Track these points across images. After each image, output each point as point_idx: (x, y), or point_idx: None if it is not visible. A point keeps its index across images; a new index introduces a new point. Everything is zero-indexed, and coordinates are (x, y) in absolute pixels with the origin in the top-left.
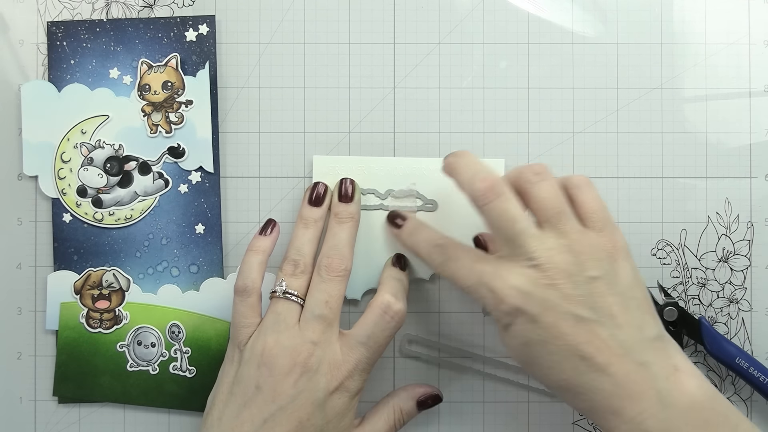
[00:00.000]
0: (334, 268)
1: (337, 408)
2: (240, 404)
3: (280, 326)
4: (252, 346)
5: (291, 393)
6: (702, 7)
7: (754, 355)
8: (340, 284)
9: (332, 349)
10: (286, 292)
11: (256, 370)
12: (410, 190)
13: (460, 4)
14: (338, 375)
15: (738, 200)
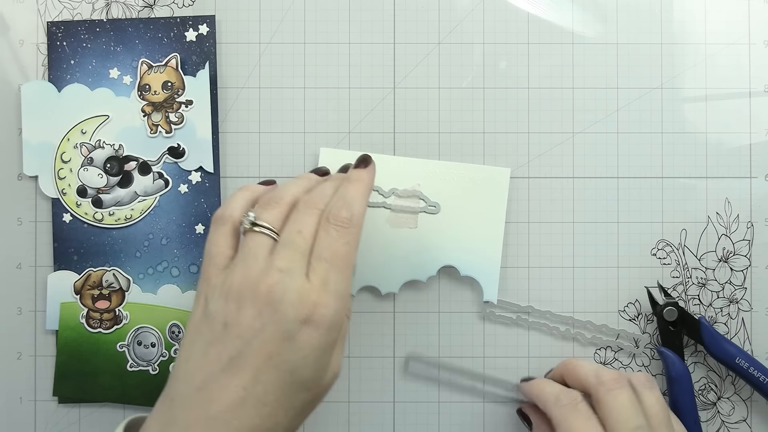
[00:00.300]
0: (313, 201)
1: (313, 343)
2: (208, 342)
3: (248, 260)
4: (222, 282)
5: (256, 326)
6: (702, 7)
7: (754, 355)
8: (317, 216)
9: (301, 278)
10: (255, 223)
11: (223, 306)
12: (414, 191)
13: (460, 4)
14: (308, 302)
15: (738, 200)
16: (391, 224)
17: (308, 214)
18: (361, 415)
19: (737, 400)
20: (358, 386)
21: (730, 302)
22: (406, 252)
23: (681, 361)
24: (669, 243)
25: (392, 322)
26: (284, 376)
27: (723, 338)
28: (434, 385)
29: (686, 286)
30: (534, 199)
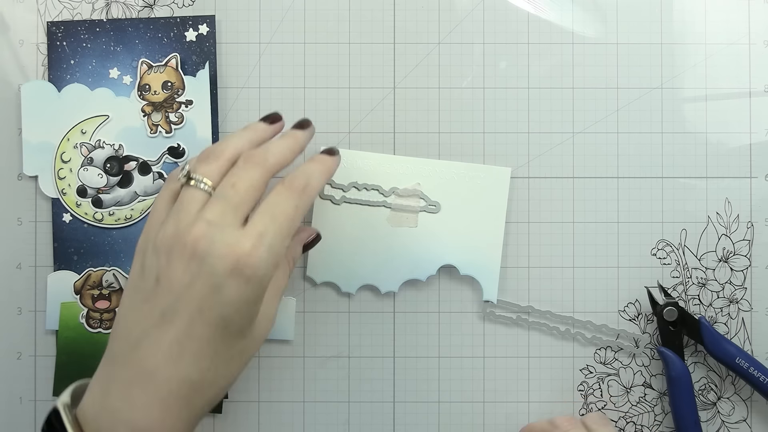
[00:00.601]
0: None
1: (242, 295)
2: (142, 299)
3: (180, 214)
4: (155, 236)
5: (185, 280)
6: (702, 7)
7: (754, 355)
8: (255, 171)
9: (231, 230)
10: (190, 177)
11: (156, 261)
12: (414, 190)
13: (460, 4)
14: (235, 252)
15: (738, 200)
16: (391, 223)
17: (246, 169)
18: (361, 415)
19: (737, 400)
20: (358, 386)
21: (730, 302)
22: (406, 251)
23: (681, 361)
24: (669, 243)
25: (392, 321)
26: (217, 328)
27: (723, 338)
28: (435, 384)
29: (686, 286)
30: (534, 199)
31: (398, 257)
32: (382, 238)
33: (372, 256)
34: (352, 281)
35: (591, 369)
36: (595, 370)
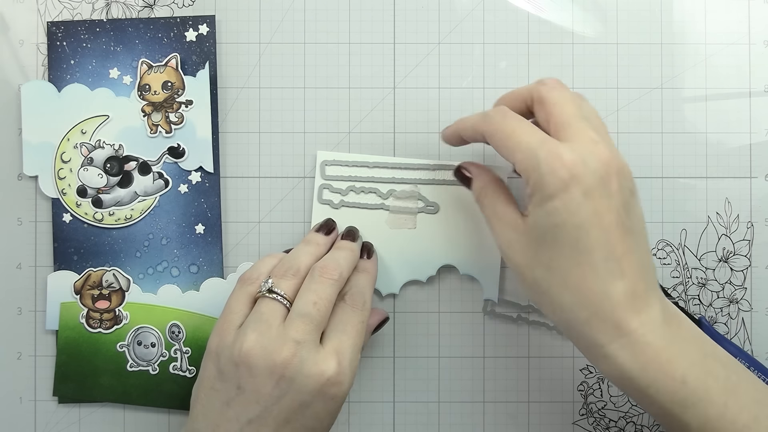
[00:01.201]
0: (328, 271)
1: (327, 409)
2: (223, 402)
3: (261, 326)
4: (232, 343)
5: (275, 394)
6: (702, 7)
7: (754, 355)
8: (331, 288)
9: (315, 348)
10: (272, 290)
11: (235, 370)
12: (412, 191)
13: (460, 4)
14: (323, 373)
15: (738, 200)
16: (390, 226)
17: (323, 284)
18: (361, 415)
19: None
20: (358, 386)
21: (730, 302)
22: (405, 253)
23: None
24: (669, 243)
25: (392, 322)
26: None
27: (723, 338)
28: (435, 384)
29: (686, 286)
30: None
31: (398, 259)
32: (382, 241)
33: None
34: None
35: (591, 369)
36: (595, 370)
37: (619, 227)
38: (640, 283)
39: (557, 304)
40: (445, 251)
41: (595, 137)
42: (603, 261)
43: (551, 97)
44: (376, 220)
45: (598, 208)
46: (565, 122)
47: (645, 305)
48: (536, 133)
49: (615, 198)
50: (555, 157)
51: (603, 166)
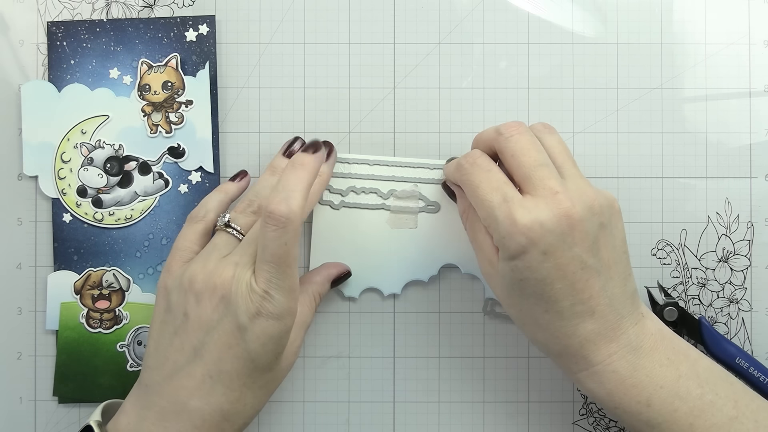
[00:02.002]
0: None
1: (267, 332)
2: (171, 332)
3: (211, 255)
4: (182, 273)
5: (215, 318)
6: (702, 7)
7: (754, 355)
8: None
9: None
10: (228, 224)
11: (183, 297)
12: (413, 191)
13: (460, 4)
14: (255, 298)
15: (738, 200)
16: (391, 225)
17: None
18: (361, 415)
19: None
20: (358, 386)
21: (730, 302)
22: (407, 253)
23: None
24: (669, 243)
25: (392, 322)
26: (245, 362)
27: (723, 338)
28: (435, 384)
29: (686, 286)
30: None
31: (399, 259)
32: (383, 241)
33: (373, 259)
34: (354, 285)
35: None
36: None
37: (585, 272)
38: (610, 316)
39: (531, 337)
40: (447, 250)
41: (554, 187)
42: (569, 307)
43: (508, 148)
44: (377, 220)
45: (560, 262)
46: (525, 175)
47: (616, 335)
48: (498, 189)
49: (578, 246)
50: (511, 222)
51: (563, 219)
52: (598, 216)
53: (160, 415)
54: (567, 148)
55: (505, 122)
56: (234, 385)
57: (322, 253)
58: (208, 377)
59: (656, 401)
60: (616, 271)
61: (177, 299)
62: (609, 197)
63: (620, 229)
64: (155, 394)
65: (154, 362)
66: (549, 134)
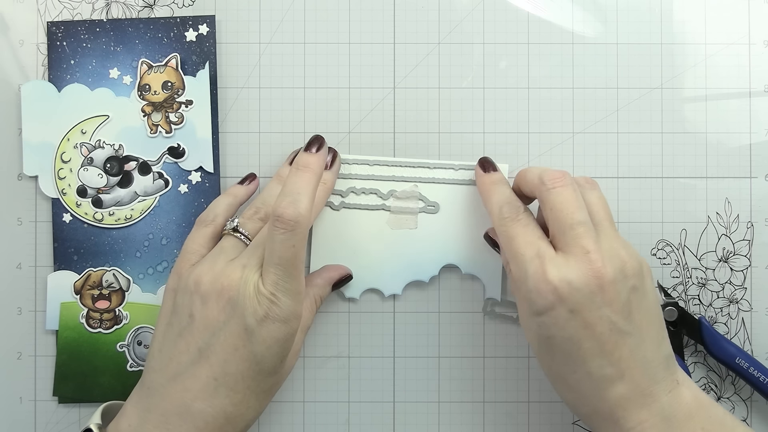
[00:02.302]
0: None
1: (275, 336)
2: (176, 333)
3: (219, 258)
4: (188, 275)
5: (221, 319)
6: (702, 7)
7: (754, 355)
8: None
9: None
10: (236, 229)
11: (189, 299)
12: (412, 192)
13: (460, 4)
14: (263, 301)
15: (738, 200)
16: (391, 226)
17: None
18: (361, 415)
19: (737, 400)
20: (358, 386)
21: (730, 302)
22: (407, 253)
23: (681, 361)
24: (669, 243)
25: (392, 322)
26: (251, 365)
27: (723, 338)
28: (435, 384)
29: (686, 286)
30: None
31: (400, 259)
32: (383, 242)
33: (374, 260)
34: (354, 286)
35: None
36: None
37: (614, 333)
38: (642, 380)
39: (562, 396)
40: (447, 250)
41: (587, 246)
42: (598, 368)
43: (549, 200)
44: (377, 220)
45: (589, 321)
46: (560, 231)
47: (647, 402)
48: (533, 244)
49: (608, 307)
50: (540, 277)
51: (592, 280)
52: (630, 278)
53: (162, 418)
54: (607, 205)
55: (550, 170)
56: (238, 388)
57: (322, 254)
58: (213, 379)
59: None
60: (648, 334)
61: (183, 301)
62: (641, 259)
63: (652, 291)
64: (158, 396)
65: (157, 364)
66: (591, 189)
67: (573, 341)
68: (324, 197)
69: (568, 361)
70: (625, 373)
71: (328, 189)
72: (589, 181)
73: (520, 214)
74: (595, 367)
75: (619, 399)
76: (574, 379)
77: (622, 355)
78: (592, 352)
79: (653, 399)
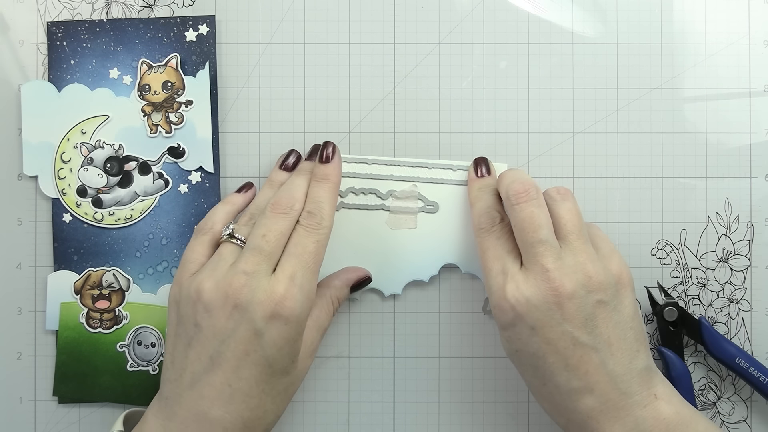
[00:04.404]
0: (279, 206)
1: (283, 335)
2: (185, 344)
3: (218, 265)
4: (188, 284)
5: (230, 326)
6: (702, 7)
7: (754, 355)
8: (282, 220)
9: (266, 278)
10: (232, 235)
11: (192, 308)
12: (411, 191)
13: (460, 4)
14: (273, 298)
15: (738, 200)
16: (390, 226)
17: (273, 218)
18: (361, 415)
19: (737, 400)
20: (358, 386)
21: (730, 302)
22: (407, 253)
23: (681, 361)
24: (669, 243)
25: (392, 321)
26: (263, 368)
27: (723, 338)
28: (435, 384)
29: (686, 286)
30: None
31: (400, 259)
32: (383, 242)
33: (373, 260)
34: None
35: None
36: None
37: (579, 348)
38: (612, 394)
39: (541, 406)
40: (447, 250)
41: (548, 265)
42: (566, 382)
43: (513, 216)
44: (377, 220)
45: (550, 337)
46: (523, 248)
47: (620, 415)
48: (500, 259)
49: (568, 323)
50: (501, 294)
51: (550, 297)
52: (595, 293)
53: (182, 426)
54: (578, 217)
55: (516, 183)
56: (253, 392)
57: None
58: (227, 386)
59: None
60: (618, 348)
61: (187, 311)
62: (616, 272)
63: (627, 304)
64: (176, 405)
65: (172, 375)
66: (562, 201)
67: (537, 356)
68: None
69: (537, 374)
70: (593, 387)
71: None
72: (560, 192)
73: (495, 225)
74: (562, 380)
75: (590, 411)
76: (546, 391)
77: (588, 369)
78: (558, 366)
79: (626, 413)
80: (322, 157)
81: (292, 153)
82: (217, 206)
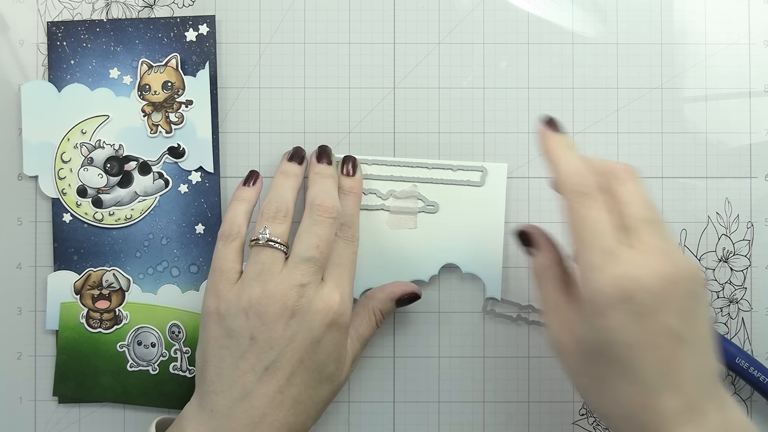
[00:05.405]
0: (327, 209)
1: (335, 341)
2: (236, 356)
3: (265, 275)
4: (237, 298)
5: (287, 336)
6: (702, 7)
7: (754, 355)
8: (331, 227)
9: (320, 287)
10: (270, 240)
11: (245, 322)
12: (412, 191)
13: (460, 4)
14: (331, 308)
15: (738, 200)
16: (390, 226)
17: (323, 225)
18: (361, 415)
19: (737, 400)
20: (358, 386)
21: (730, 302)
22: (407, 253)
23: None
24: None
25: (392, 322)
26: (313, 374)
27: (723, 338)
28: (435, 384)
29: None
30: (534, 199)
31: (400, 259)
32: (383, 242)
33: (373, 260)
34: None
35: None
36: None
37: (675, 341)
38: (695, 395)
39: (602, 413)
40: (447, 250)
41: (659, 246)
42: (655, 377)
43: (620, 193)
44: (377, 220)
45: (651, 327)
46: (632, 226)
47: (699, 420)
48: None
49: (671, 313)
50: (605, 275)
51: (660, 281)
52: (697, 285)
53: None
54: None
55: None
56: (302, 398)
57: None
58: (279, 393)
59: None
60: (707, 346)
61: (239, 324)
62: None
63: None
64: (224, 418)
65: (219, 387)
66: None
67: (633, 347)
68: None
69: (624, 370)
70: (681, 384)
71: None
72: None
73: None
74: (650, 375)
75: (669, 412)
76: (627, 391)
77: (679, 365)
78: (651, 360)
79: (704, 416)
80: (344, 171)
81: (298, 148)
82: (235, 206)
